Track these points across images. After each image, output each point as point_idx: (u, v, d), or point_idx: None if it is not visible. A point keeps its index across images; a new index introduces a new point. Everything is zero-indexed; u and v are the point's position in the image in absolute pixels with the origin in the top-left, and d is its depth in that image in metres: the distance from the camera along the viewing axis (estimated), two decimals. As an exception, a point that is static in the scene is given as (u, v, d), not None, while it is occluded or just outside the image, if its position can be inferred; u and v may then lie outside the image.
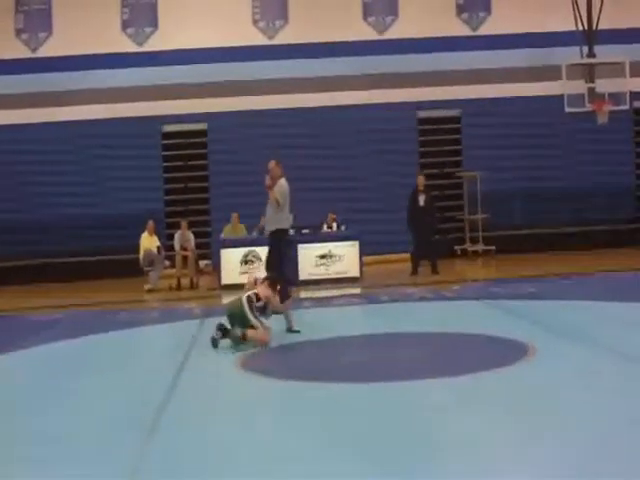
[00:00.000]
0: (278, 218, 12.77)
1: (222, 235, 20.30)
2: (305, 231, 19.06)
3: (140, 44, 24.53)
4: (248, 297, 11.16)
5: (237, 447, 6.62)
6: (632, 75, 22.33)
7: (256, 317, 11.09)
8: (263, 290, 11.35)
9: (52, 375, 9.90)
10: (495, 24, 24.89)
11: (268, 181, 12.84)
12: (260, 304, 11.18)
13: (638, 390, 7.70)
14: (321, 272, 18.82)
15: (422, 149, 24.76)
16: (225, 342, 10.89)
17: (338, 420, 7.20)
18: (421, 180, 20.08)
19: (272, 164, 12.86)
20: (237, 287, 17.79)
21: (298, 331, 11.75)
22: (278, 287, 11.47)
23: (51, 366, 10.56)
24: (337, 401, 7.91)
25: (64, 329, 13.64)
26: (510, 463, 5.88)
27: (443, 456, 6.10)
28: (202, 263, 21.35)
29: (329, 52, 24.20)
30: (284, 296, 12.00)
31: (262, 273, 12.31)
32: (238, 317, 11.09)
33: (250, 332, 10.89)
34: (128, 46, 24.46)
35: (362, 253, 19.05)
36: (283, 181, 12.84)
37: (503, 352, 9.78)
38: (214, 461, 6.30)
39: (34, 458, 6.52)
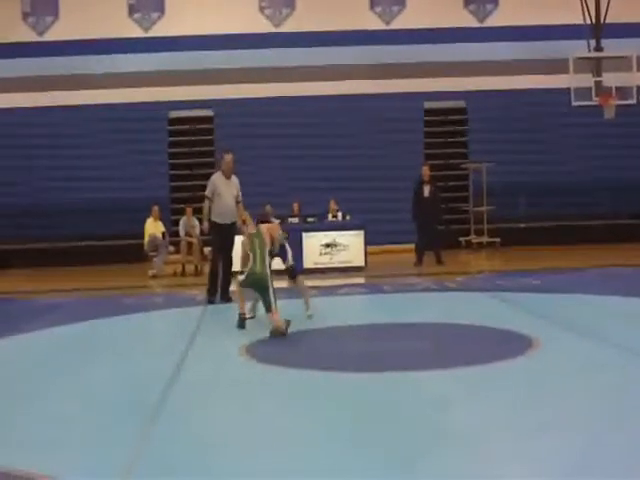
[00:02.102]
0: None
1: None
2: (310, 219, 19.07)
3: (146, 29, 24.53)
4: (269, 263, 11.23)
5: (239, 434, 6.64)
6: (639, 69, 22.26)
7: (274, 293, 11.13)
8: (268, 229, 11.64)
9: (55, 359, 9.90)
10: (502, 16, 24.88)
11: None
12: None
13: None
14: (325, 261, 18.82)
15: (428, 140, 24.75)
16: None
17: (342, 409, 7.21)
18: (426, 171, 20.08)
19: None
20: (241, 274, 17.92)
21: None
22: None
23: (54, 350, 10.57)
24: (341, 390, 7.92)
25: (68, 313, 13.64)
26: (514, 456, 5.89)
27: (446, 447, 6.11)
28: (207, 250, 21.32)
29: (335, 41, 24.18)
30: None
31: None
32: (261, 286, 11.12)
33: (275, 316, 10.93)
34: (134, 31, 24.47)
35: (367, 242, 19.05)
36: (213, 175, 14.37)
37: (507, 345, 9.79)
38: (215, 448, 6.32)
39: (33, 442, 6.52)
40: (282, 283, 12.74)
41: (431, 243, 19.59)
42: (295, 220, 19.76)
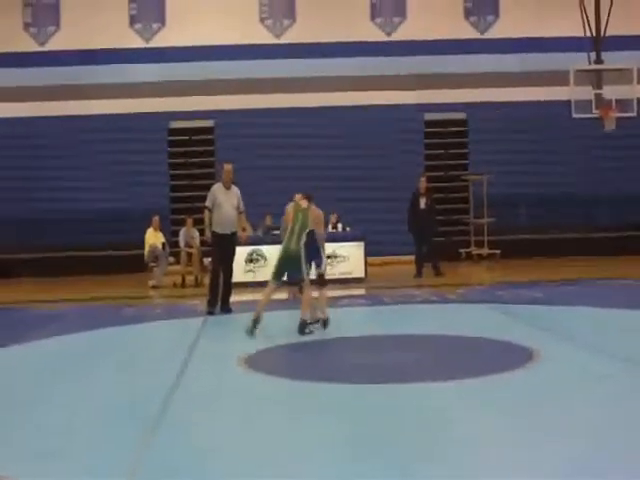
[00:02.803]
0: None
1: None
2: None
3: (147, 40, 24.58)
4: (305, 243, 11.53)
5: (238, 444, 6.62)
6: (639, 82, 22.28)
7: (306, 266, 11.51)
8: (316, 220, 11.92)
9: (55, 369, 9.90)
10: (503, 28, 24.93)
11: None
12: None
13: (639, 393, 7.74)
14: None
15: (428, 151, 24.78)
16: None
17: (341, 420, 7.20)
18: (423, 183, 20.12)
19: None
20: (241, 285, 17.95)
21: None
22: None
23: (54, 360, 10.57)
24: (341, 401, 7.91)
25: (68, 323, 13.65)
26: (513, 466, 5.88)
27: (446, 457, 6.11)
28: (207, 261, 21.32)
29: (336, 52, 24.23)
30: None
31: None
32: (293, 261, 11.49)
33: (305, 295, 11.40)
34: (135, 42, 24.54)
35: (367, 254, 19.04)
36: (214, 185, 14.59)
37: (507, 356, 9.78)
38: (215, 458, 6.30)
39: (34, 451, 6.51)
40: (282, 294, 12.77)
41: (428, 255, 19.60)
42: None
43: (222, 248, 14.08)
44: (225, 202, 14.06)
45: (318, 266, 12.19)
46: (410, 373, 9.21)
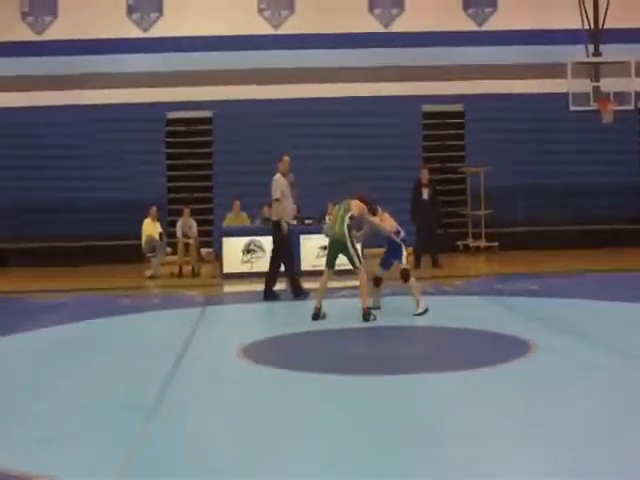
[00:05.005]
0: (273, 209, 14.75)
1: (224, 223, 20.29)
2: (308, 222, 19.03)
3: (145, 30, 24.54)
4: (348, 227, 11.99)
5: (235, 434, 6.64)
6: (637, 75, 22.27)
7: (356, 251, 11.99)
8: (356, 206, 12.17)
9: (52, 359, 9.90)
10: (501, 20, 24.92)
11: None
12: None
13: (636, 386, 7.73)
14: (323, 263, 18.71)
15: (426, 143, 24.76)
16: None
17: (339, 410, 7.23)
18: (425, 174, 20.13)
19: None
20: (239, 276, 17.97)
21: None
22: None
23: (51, 350, 10.57)
24: (339, 392, 7.94)
25: (65, 313, 13.68)
26: (509, 458, 5.91)
27: (443, 446, 6.13)
28: (204, 251, 21.30)
29: (334, 43, 24.21)
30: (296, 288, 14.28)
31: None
32: (340, 245, 12.01)
33: (361, 282, 11.88)
34: (133, 31, 24.50)
35: (365, 245, 19.00)
36: (275, 176, 14.75)
37: (504, 348, 9.81)
38: (211, 447, 6.34)
39: (30, 441, 6.52)
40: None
41: (428, 246, 19.59)
42: (293, 222, 19.72)
43: (288, 237, 14.69)
44: (288, 192, 14.71)
45: (400, 261, 12.59)
46: (407, 364, 9.27)
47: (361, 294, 11.97)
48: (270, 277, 14.67)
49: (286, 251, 14.68)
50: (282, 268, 14.78)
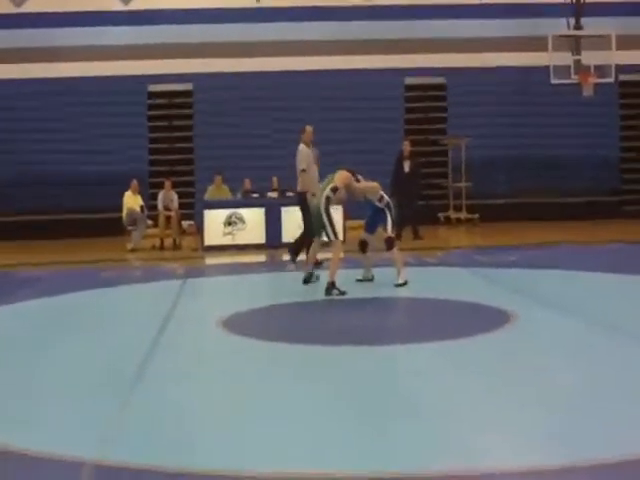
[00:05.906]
0: (300, 181, 14.31)
1: (206, 196, 20.27)
2: (289, 194, 19.05)
3: (126, 2, 24.34)
4: (327, 198, 11.96)
5: (216, 406, 6.66)
6: (618, 48, 22.35)
7: (331, 224, 11.86)
8: (341, 177, 12.20)
9: (31, 332, 9.83)
10: (483, -7, 24.84)
11: None
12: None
13: (615, 357, 7.79)
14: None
15: (408, 116, 24.75)
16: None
17: (318, 381, 7.25)
18: (407, 146, 20.15)
19: None
20: (220, 248, 17.97)
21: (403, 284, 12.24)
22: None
23: (31, 323, 10.54)
24: (318, 362, 7.98)
25: (45, 287, 13.62)
26: (485, 423, 5.95)
27: (421, 415, 6.16)
28: (185, 224, 21.33)
29: (316, 16, 24.10)
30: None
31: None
32: (316, 216, 12.18)
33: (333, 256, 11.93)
34: (114, 4, 24.30)
35: (346, 217, 19.03)
36: (299, 147, 14.38)
37: (485, 319, 9.84)
38: (193, 420, 6.34)
39: (8, 417, 6.46)
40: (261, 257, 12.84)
41: (409, 218, 19.63)
42: (274, 195, 19.76)
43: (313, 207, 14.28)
44: (312, 162, 14.44)
45: (385, 229, 12.64)
46: (389, 335, 9.32)
47: (331, 266, 11.94)
48: (299, 245, 14.90)
49: (308, 222, 14.48)
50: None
